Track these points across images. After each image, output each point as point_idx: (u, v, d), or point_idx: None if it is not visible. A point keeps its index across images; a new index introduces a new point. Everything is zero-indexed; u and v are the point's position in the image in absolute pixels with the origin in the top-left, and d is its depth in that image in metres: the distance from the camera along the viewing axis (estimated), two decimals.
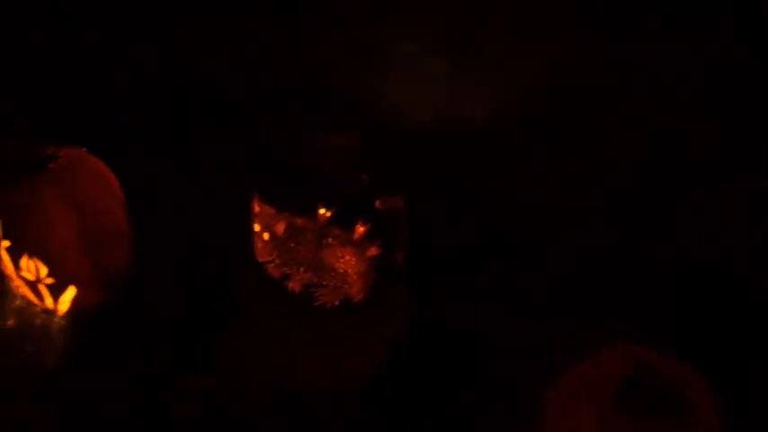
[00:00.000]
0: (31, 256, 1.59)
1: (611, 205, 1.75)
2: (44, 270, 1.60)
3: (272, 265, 1.68)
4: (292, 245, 1.64)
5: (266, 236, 1.65)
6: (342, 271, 1.64)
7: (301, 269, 1.66)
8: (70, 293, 1.66)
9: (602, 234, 1.72)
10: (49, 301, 1.66)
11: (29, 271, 1.61)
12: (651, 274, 1.64)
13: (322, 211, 1.61)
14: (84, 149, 1.66)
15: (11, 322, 1.67)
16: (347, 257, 1.63)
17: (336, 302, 1.66)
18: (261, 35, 2.00)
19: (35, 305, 1.67)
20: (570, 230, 1.74)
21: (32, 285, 1.64)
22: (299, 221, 1.62)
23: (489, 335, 1.65)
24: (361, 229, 1.63)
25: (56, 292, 1.64)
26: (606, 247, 1.71)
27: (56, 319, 1.67)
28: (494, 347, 1.64)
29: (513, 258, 1.77)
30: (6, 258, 1.61)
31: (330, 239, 1.63)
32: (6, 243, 1.59)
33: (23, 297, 1.67)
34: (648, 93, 1.81)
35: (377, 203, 1.64)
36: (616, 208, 1.74)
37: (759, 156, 1.69)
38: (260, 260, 1.68)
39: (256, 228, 1.66)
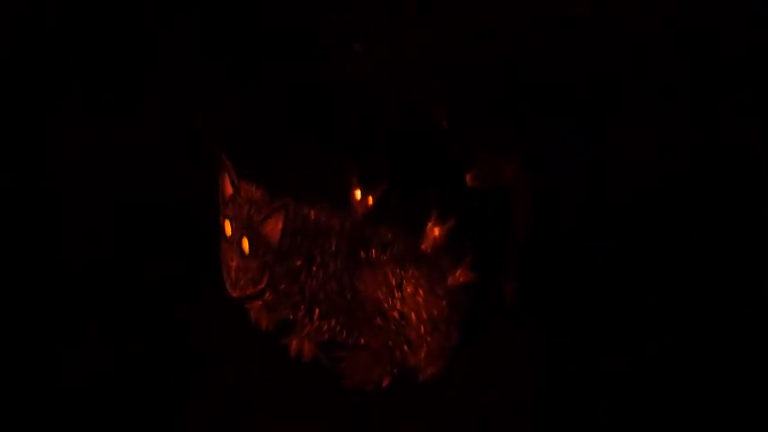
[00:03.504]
0: None
1: None
2: None
3: (258, 303, 1.24)
4: (299, 263, 1.21)
5: (246, 244, 1.19)
6: (397, 316, 1.21)
7: (316, 312, 1.23)
8: None
9: None
10: None
11: None
12: None
13: (359, 193, 1.21)
14: None
15: None
16: (409, 289, 1.20)
17: (385, 382, 1.24)
18: None
19: None
20: None
21: None
22: (312, 215, 1.20)
23: None
24: (436, 231, 1.20)
25: None
26: None
27: None
28: None
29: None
30: None
31: (374, 251, 1.20)
32: None
33: None
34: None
35: (469, 178, 1.25)
36: None
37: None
38: (234, 294, 1.24)
39: (227, 229, 1.21)
